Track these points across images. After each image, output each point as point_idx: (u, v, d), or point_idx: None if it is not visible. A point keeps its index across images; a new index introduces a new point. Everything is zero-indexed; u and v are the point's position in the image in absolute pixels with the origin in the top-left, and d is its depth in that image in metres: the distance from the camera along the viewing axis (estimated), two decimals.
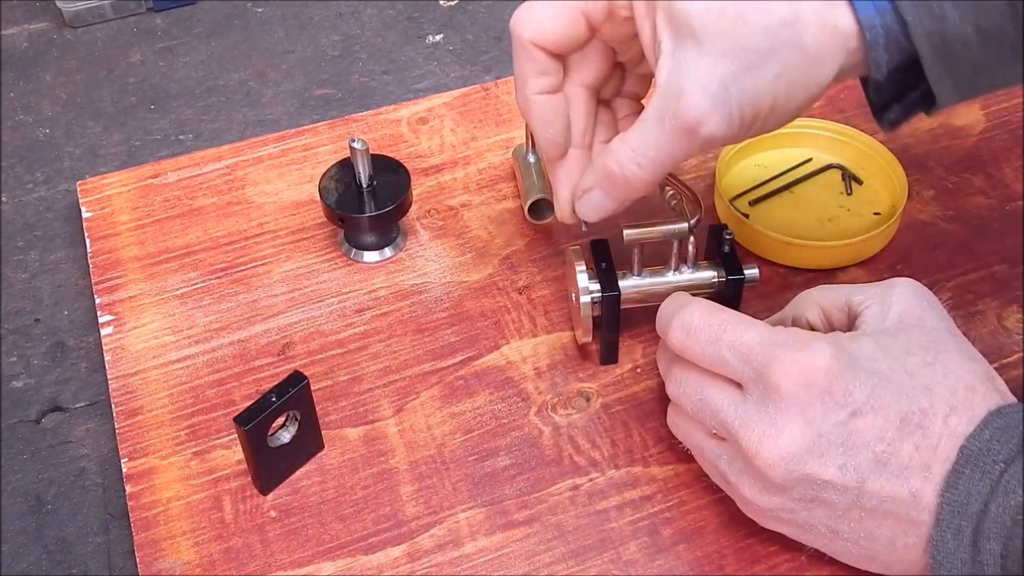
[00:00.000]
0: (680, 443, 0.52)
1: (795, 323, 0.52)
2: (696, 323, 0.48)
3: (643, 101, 0.54)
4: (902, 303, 0.48)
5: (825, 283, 0.53)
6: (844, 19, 0.45)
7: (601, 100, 0.55)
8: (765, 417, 0.45)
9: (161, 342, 0.61)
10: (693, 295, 0.56)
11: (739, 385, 0.47)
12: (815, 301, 0.52)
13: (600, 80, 0.53)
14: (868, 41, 0.45)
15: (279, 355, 0.60)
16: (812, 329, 0.51)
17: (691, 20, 0.45)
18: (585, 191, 0.52)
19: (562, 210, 0.54)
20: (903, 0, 0.44)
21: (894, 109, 0.49)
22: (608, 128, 0.55)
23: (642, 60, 0.52)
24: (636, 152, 0.48)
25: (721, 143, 0.47)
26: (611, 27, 0.50)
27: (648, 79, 0.54)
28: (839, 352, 0.45)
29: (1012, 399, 0.46)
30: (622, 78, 0.54)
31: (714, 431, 0.48)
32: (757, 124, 0.47)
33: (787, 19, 0.45)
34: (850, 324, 0.50)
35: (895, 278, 0.50)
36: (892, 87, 0.48)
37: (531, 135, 0.66)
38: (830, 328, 0.51)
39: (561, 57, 0.51)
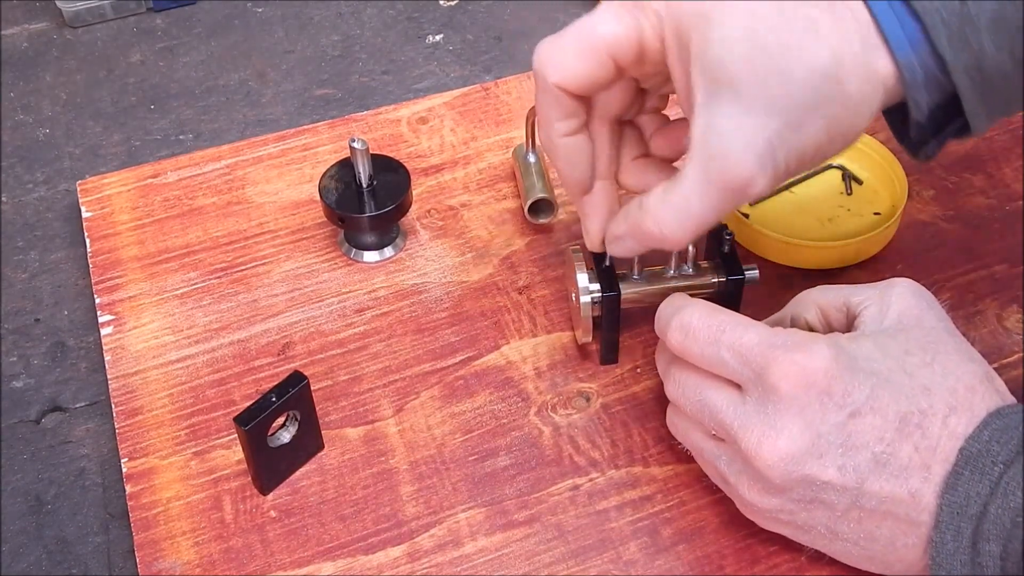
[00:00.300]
0: (680, 443, 0.52)
1: (794, 323, 0.52)
2: (695, 324, 0.48)
3: (676, 151, 0.53)
4: (900, 303, 0.48)
5: (825, 283, 0.53)
6: (883, 63, 0.45)
7: (623, 120, 0.54)
8: (764, 418, 0.45)
9: (161, 342, 0.61)
10: (693, 295, 0.55)
11: (738, 386, 0.47)
12: (814, 302, 0.52)
13: (624, 111, 0.52)
14: (907, 81, 0.44)
15: (279, 355, 0.60)
16: (811, 330, 0.51)
17: (730, 73, 0.44)
18: (618, 238, 0.51)
19: (592, 243, 0.54)
20: (939, 37, 0.43)
21: (931, 145, 0.49)
22: (634, 146, 0.53)
23: (666, 82, 0.51)
24: (680, 213, 0.47)
25: (764, 196, 0.47)
26: (639, 66, 0.48)
27: (668, 96, 0.54)
28: (838, 353, 0.45)
29: (1011, 399, 0.46)
30: (644, 98, 0.53)
31: (713, 432, 0.48)
32: (800, 172, 0.48)
33: (830, 71, 0.44)
34: (849, 325, 0.50)
35: (893, 278, 0.50)
36: (930, 124, 0.47)
37: (531, 135, 0.66)
38: (829, 329, 0.51)
39: (586, 97, 0.50)
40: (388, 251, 0.65)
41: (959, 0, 0.43)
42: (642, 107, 0.53)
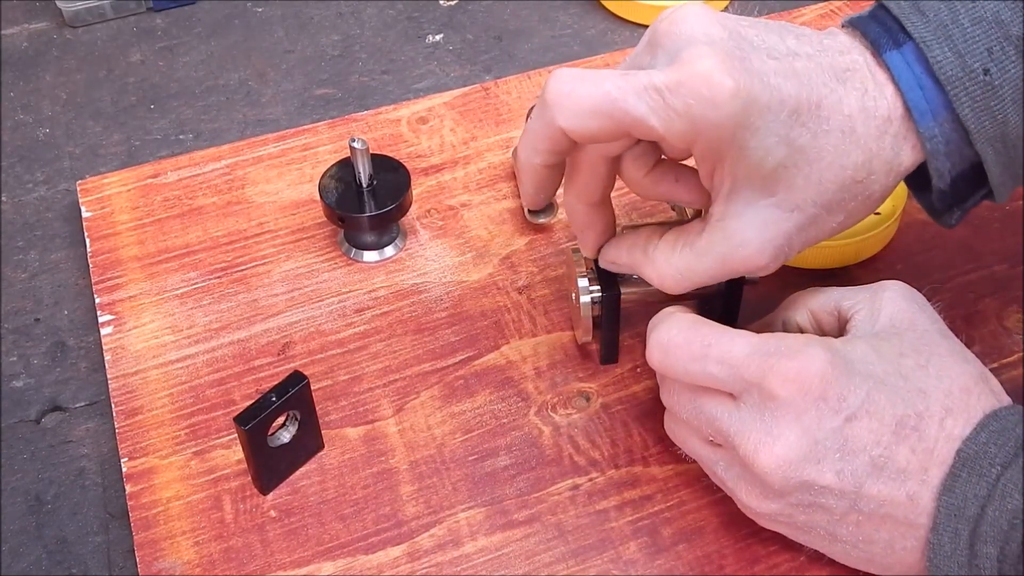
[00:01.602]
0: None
1: (785, 326, 0.52)
2: (675, 340, 0.47)
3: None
4: (892, 306, 0.48)
5: (825, 283, 0.53)
6: (907, 156, 0.46)
7: None
8: (761, 424, 0.45)
9: (161, 342, 0.61)
10: (694, 295, 0.56)
11: (731, 395, 0.47)
12: (805, 304, 0.51)
13: (621, 152, 0.49)
14: (929, 151, 0.45)
15: (279, 355, 0.60)
16: (801, 332, 0.51)
17: (764, 177, 0.44)
18: (614, 263, 0.53)
19: (589, 253, 0.54)
20: (963, 107, 0.44)
21: (955, 214, 0.50)
22: (643, 160, 0.49)
23: None
24: (683, 277, 0.48)
25: None
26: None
27: None
28: (833, 357, 0.45)
29: (1006, 399, 0.46)
30: None
31: (710, 438, 0.48)
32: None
33: (859, 176, 0.45)
34: (840, 328, 0.50)
35: (884, 281, 0.50)
36: (952, 192, 0.48)
37: None
38: (820, 331, 0.51)
39: None
40: (388, 251, 0.65)
41: (983, 70, 0.44)
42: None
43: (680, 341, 0.47)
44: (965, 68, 0.44)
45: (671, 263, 0.48)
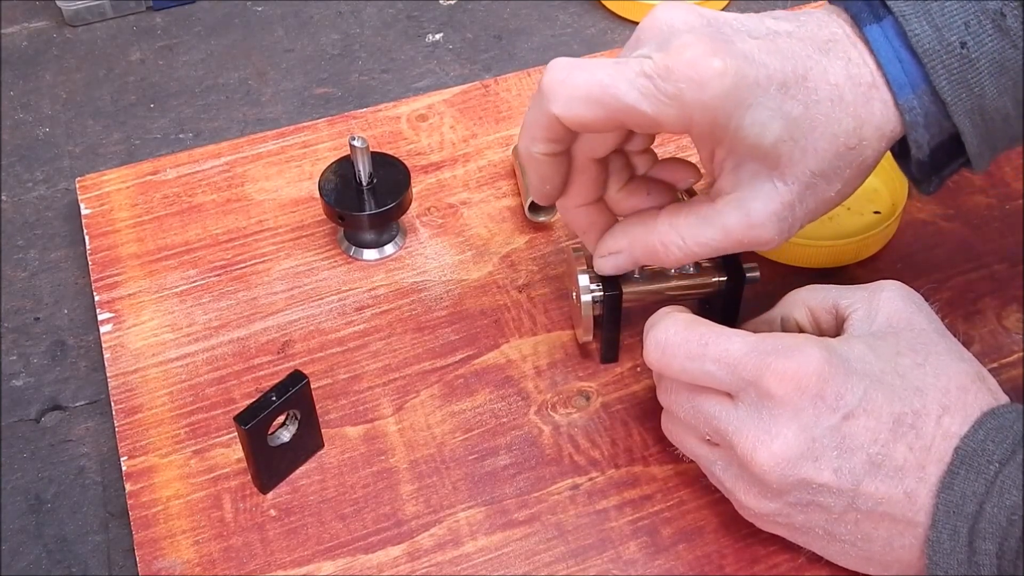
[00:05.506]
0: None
1: (783, 323, 0.52)
2: (672, 340, 0.48)
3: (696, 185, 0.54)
4: (889, 306, 0.49)
5: (824, 282, 0.53)
6: (898, 123, 0.47)
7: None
8: (759, 423, 0.45)
9: (160, 340, 0.61)
10: (695, 295, 0.56)
11: (728, 394, 0.47)
12: (803, 302, 0.52)
13: (610, 151, 0.50)
14: (908, 122, 0.46)
15: (279, 353, 0.60)
16: (800, 330, 0.51)
17: (763, 152, 0.45)
18: (612, 252, 0.52)
19: (590, 247, 0.54)
20: (940, 80, 0.45)
21: (934, 181, 0.51)
22: (620, 174, 0.52)
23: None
24: (687, 243, 0.49)
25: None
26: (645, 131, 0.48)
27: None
28: (830, 355, 0.45)
29: (1003, 398, 0.47)
30: (632, 136, 0.51)
31: (708, 437, 0.48)
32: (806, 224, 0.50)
33: (851, 142, 0.46)
34: (838, 326, 0.50)
35: (882, 281, 0.50)
36: (931, 162, 0.49)
37: None
38: (818, 329, 0.51)
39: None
40: (388, 249, 0.65)
41: (960, 44, 0.44)
42: (628, 142, 0.52)
43: (677, 340, 0.47)
44: (942, 41, 0.45)
45: (676, 228, 0.49)
